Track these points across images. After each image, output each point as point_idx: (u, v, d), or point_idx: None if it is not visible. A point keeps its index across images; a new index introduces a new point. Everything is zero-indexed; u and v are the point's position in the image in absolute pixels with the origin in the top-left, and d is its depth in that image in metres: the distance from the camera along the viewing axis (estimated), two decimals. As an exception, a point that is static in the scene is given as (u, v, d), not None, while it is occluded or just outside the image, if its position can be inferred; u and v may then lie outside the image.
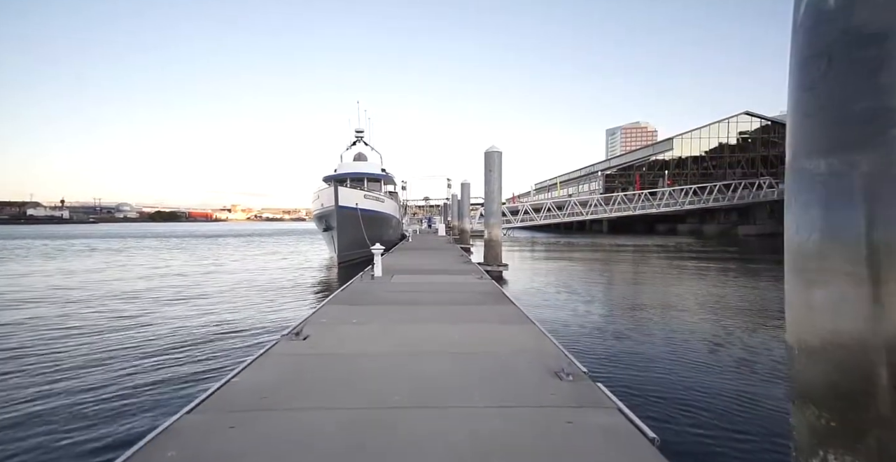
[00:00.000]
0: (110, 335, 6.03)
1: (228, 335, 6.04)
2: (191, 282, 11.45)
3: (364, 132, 21.03)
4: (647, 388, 4.09)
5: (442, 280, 7.45)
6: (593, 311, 7.73)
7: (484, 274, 8.24)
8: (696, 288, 10.13)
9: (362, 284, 6.81)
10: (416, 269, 9.10)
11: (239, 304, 8.34)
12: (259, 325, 6.60)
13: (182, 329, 6.39)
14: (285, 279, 11.97)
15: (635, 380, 4.33)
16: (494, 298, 5.72)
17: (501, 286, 8.11)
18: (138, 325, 6.65)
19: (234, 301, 8.72)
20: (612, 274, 13.40)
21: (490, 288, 6.62)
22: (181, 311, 7.78)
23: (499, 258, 11.31)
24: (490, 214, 11.51)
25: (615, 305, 8.46)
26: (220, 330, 6.33)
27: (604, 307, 8.27)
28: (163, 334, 6.07)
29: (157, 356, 5.04)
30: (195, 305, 8.26)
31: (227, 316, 7.31)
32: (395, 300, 5.50)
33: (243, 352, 5.11)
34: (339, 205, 13.25)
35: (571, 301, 8.47)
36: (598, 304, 8.46)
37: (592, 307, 8.10)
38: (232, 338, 5.91)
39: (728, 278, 11.81)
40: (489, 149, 11.30)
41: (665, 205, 39.58)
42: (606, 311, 7.88)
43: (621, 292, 9.96)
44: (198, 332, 6.23)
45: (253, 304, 8.44)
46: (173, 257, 19.08)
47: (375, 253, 7.83)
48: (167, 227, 77.24)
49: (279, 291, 9.87)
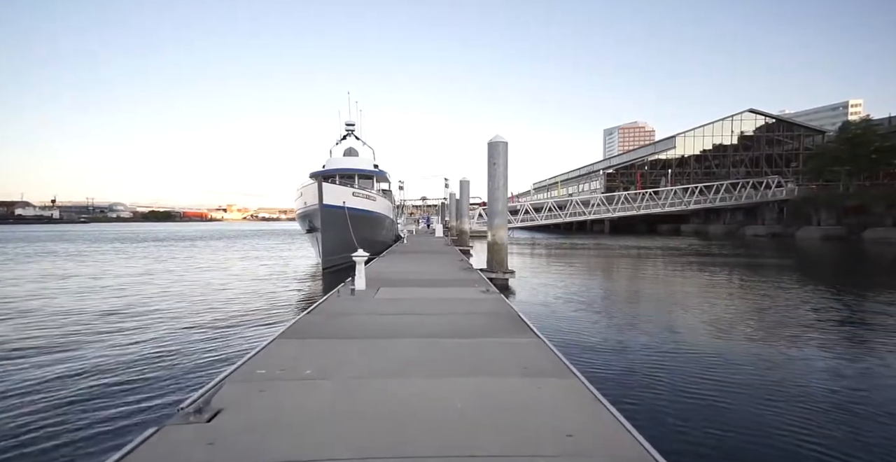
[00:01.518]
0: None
1: (94, 409, 3.62)
2: (119, 301, 8.74)
3: (355, 125, 19.48)
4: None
5: (439, 295, 6.01)
6: (639, 345, 5.48)
7: (490, 286, 6.80)
8: (751, 303, 8.27)
9: (337, 303, 5.36)
10: (408, 280, 7.65)
11: (161, 340, 5.77)
12: (159, 387, 4.13)
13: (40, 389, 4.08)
14: (251, 294, 9.46)
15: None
16: (509, 325, 4.28)
17: (509, 298, 6.68)
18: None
19: (158, 333, 6.13)
20: (638, 284, 11.58)
21: (500, 307, 5.18)
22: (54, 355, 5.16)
23: (504, 264, 9.88)
24: (494, 214, 10.05)
25: (666, 337, 5.91)
26: (86, 393, 3.95)
27: (652, 338, 5.93)
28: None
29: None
30: (81, 348, 5.44)
31: (122, 364, 4.76)
32: (375, 330, 4.05)
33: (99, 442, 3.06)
34: (323, 203, 11.78)
35: (606, 327, 6.53)
36: (642, 333, 6.20)
37: (635, 337, 5.95)
38: (99, 413, 3.55)
39: (774, 286, 10.20)
40: (493, 138, 9.86)
41: (670, 204, 38.28)
42: (658, 345, 5.53)
43: (659, 311, 7.88)
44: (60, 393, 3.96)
45: (181, 340, 5.75)
46: (130, 264, 16.34)
47: (357, 261, 6.38)
48: (157, 227, 75.38)
49: (233, 316, 7.30)
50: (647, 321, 7.03)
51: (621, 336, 6.07)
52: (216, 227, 78.62)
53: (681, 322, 7.01)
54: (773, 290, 9.60)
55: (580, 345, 5.58)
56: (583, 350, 5.36)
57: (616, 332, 6.36)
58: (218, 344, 5.65)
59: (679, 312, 7.78)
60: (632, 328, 6.61)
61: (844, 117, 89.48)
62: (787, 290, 9.61)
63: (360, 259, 6.39)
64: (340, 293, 5.92)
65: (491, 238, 9.98)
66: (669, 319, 7.21)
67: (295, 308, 8.06)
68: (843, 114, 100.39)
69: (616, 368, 4.74)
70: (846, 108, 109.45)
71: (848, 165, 33.17)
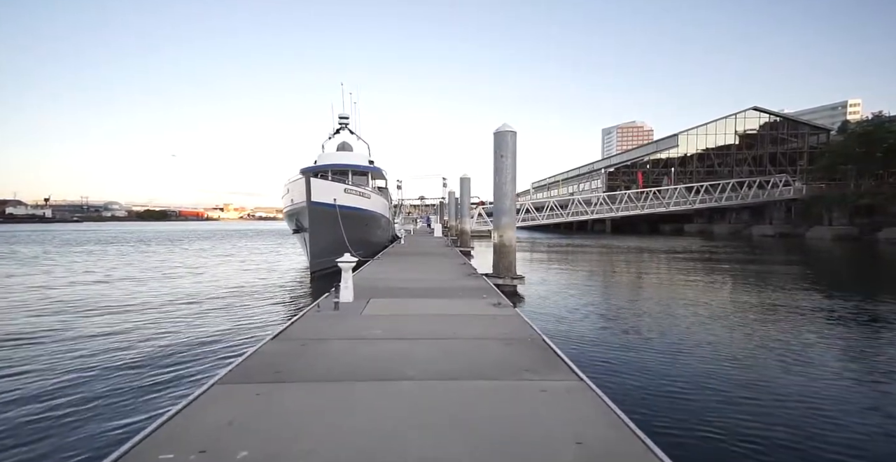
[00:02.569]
0: None
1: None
2: (29, 321, 6.72)
3: (349, 119, 18.34)
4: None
5: (441, 310, 4.95)
6: (711, 391, 4.05)
7: (501, 298, 5.75)
8: (818, 323, 6.72)
9: (314, 322, 4.29)
10: (404, 288, 6.58)
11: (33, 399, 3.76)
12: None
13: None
14: (215, 311, 7.53)
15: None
16: (537, 358, 3.23)
17: (522, 310, 5.53)
18: None
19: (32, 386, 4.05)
20: (664, 293, 9.81)
21: (519, 328, 4.12)
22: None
23: (512, 268, 8.81)
24: (501, 212, 8.96)
25: (723, 366, 4.70)
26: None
27: (706, 363, 4.77)
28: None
29: None
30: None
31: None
32: (358, 367, 2.98)
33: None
34: (311, 200, 10.69)
35: (653, 358, 4.98)
36: (692, 356, 5.05)
37: (697, 375, 4.46)
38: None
39: (820, 298, 9.02)
40: (500, 127, 8.79)
41: (675, 204, 37.31)
42: (719, 376, 4.37)
43: (699, 326, 6.41)
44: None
45: (63, 401, 3.71)
46: (91, 269, 14.12)
47: (344, 268, 5.31)
48: (149, 227, 73.92)
49: (175, 347, 5.36)
50: (685, 334, 5.92)
51: (675, 371, 4.58)
52: (210, 227, 77.20)
53: (739, 349, 5.72)
54: (822, 302, 8.52)
55: (630, 389, 4.06)
56: (642, 398, 3.84)
57: (666, 363, 4.84)
58: (122, 402, 3.69)
59: (715, 320, 6.68)
60: (674, 346, 5.40)
61: (843, 117, 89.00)
62: (836, 300, 8.57)
63: (347, 265, 5.32)
64: (321, 308, 4.84)
65: (497, 239, 8.91)
66: (704, 331, 6.11)
67: (262, 329, 6.21)
68: (843, 113, 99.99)
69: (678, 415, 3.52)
70: (845, 107, 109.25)
71: (859, 163, 32.21)
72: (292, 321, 4.22)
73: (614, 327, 6.52)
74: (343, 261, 5.30)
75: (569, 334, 5.94)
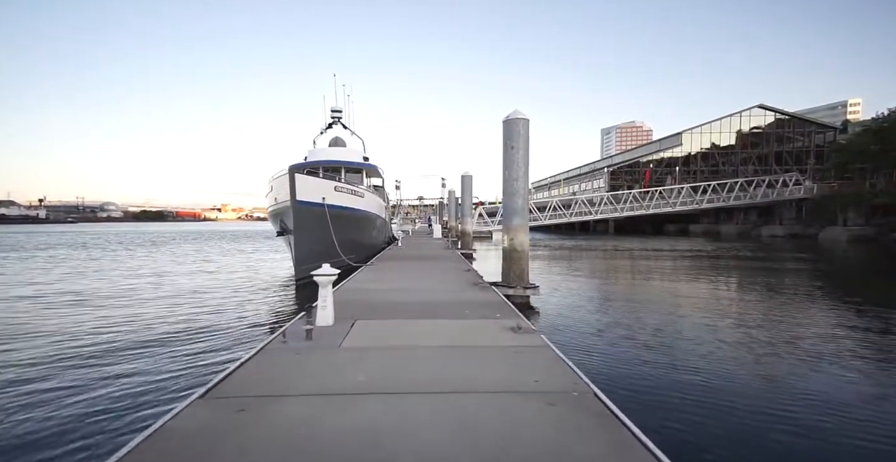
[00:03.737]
0: None
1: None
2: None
3: (342, 113, 17.17)
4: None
5: (447, 339, 3.80)
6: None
7: (521, 319, 4.60)
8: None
9: (271, 364, 3.12)
10: (399, 303, 5.42)
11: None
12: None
13: None
14: (153, 343, 5.57)
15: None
16: (598, 435, 2.08)
17: (535, 322, 4.31)
18: None
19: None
20: (699, 304, 8.32)
21: (559, 375, 2.97)
22: None
23: (525, 276, 7.64)
24: (513, 212, 7.77)
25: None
26: None
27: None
28: None
29: None
30: None
31: None
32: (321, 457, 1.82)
33: None
34: (296, 199, 9.52)
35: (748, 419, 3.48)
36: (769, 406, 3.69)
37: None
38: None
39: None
40: (511, 115, 7.64)
41: (681, 203, 36.20)
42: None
43: (772, 358, 5.03)
44: None
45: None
46: (37, 280, 11.71)
47: (322, 282, 4.16)
48: (142, 228, 72.48)
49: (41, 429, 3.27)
50: (772, 383, 4.67)
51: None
52: (206, 228, 75.76)
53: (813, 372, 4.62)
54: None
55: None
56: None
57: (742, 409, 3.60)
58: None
59: (778, 346, 5.52)
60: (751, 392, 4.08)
61: (843, 116, 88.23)
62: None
63: (326, 279, 4.18)
64: (287, 338, 3.68)
65: (508, 243, 7.74)
66: (766, 361, 4.95)
67: (201, 377, 4.25)
68: (842, 113, 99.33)
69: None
70: (845, 106, 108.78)
71: (875, 161, 31.05)
72: (239, 364, 3.03)
73: (661, 361, 4.91)
74: (321, 274, 4.15)
75: (614, 376, 4.36)
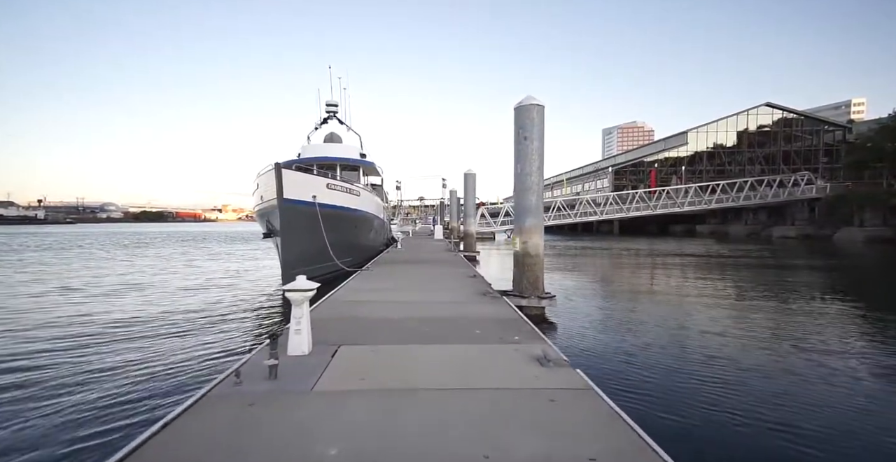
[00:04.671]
0: None
1: None
2: None
3: (338, 107, 16.25)
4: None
5: (456, 377, 2.88)
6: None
7: (546, 344, 3.67)
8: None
9: (217, 417, 2.19)
10: (394, 321, 4.50)
11: None
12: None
13: None
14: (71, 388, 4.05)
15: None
16: None
17: (550, 336, 3.31)
18: None
19: None
20: (742, 316, 7.21)
21: (610, 432, 2.04)
22: None
23: (539, 285, 6.71)
24: (526, 211, 6.83)
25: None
26: None
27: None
28: None
29: None
30: None
31: None
32: None
33: None
34: (283, 197, 8.60)
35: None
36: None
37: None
38: None
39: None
40: (523, 101, 6.72)
41: (689, 203, 35.22)
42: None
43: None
44: None
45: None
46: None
47: (295, 301, 3.25)
48: (139, 229, 71.63)
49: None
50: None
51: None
52: (204, 229, 74.83)
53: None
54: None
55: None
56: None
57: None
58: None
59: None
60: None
61: (847, 116, 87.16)
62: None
63: (301, 296, 3.27)
64: (243, 377, 2.74)
65: (520, 246, 6.81)
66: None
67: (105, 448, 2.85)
68: (846, 112, 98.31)
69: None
70: (849, 106, 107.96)
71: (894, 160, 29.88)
72: (153, 432, 2.09)
73: (740, 412, 3.54)
74: (295, 289, 3.23)
75: (685, 436, 3.13)
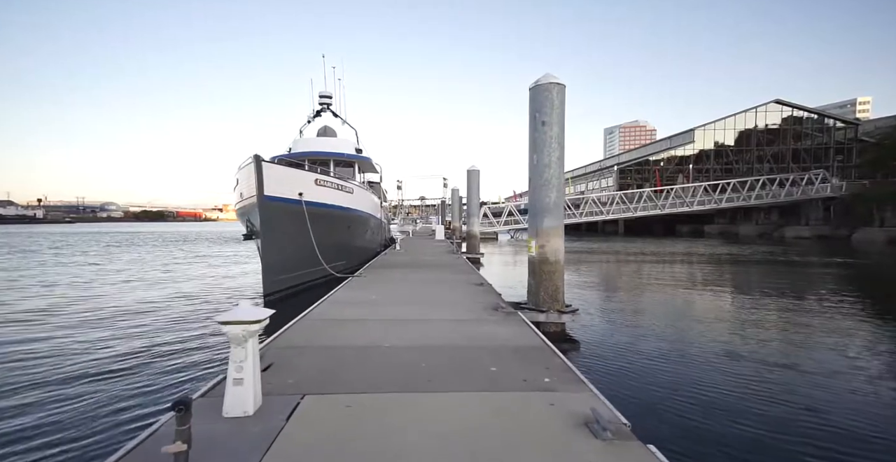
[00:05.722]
0: None
1: None
2: None
3: (332, 99, 15.22)
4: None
5: (466, 454, 1.82)
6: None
7: (594, 394, 2.62)
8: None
9: None
10: (383, 355, 3.45)
11: None
12: None
13: None
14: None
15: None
16: None
17: (572, 357, 2.42)
18: None
19: None
20: (797, 329, 6.15)
21: None
22: None
23: (559, 296, 5.65)
24: (543, 210, 5.76)
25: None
26: None
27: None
28: None
29: None
30: None
31: None
32: None
33: None
34: (264, 194, 7.56)
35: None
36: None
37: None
38: None
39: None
40: (541, 80, 5.67)
41: (698, 202, 34.13)
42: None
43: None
44: None
45: None
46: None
47: (233, 338, 2.21)
48: (136, 228, 70.68)
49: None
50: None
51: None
52: (202, 228, 73.83)
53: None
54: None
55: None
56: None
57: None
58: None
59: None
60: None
61: (852, 115, 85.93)
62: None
63: (243, 332, 2.24)
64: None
65: (537, 252, 5.75)
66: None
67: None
68: (852, 111, 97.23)
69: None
70: (854, 105, 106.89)
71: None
72: None
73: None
74: (233, 321, 2.21)
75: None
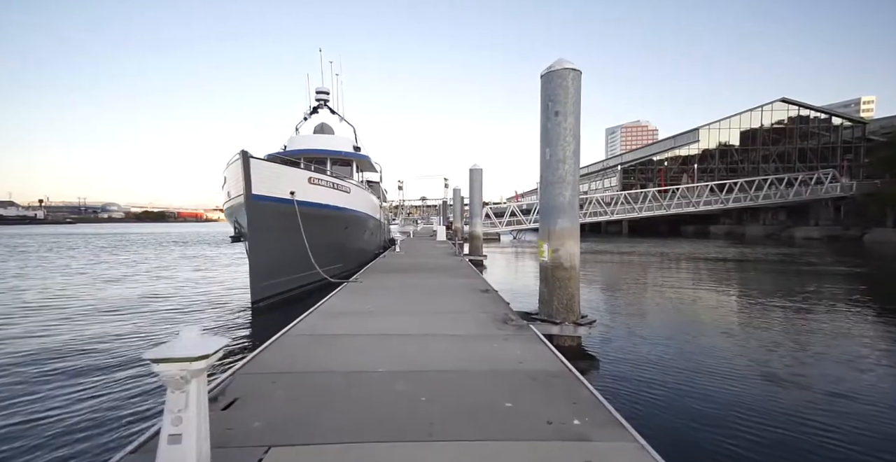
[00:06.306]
0: None
1: None
2: None
3: (329, 95, 14.65)
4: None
5: None
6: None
7: (642, 447, 2.03)
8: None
9: None
10: (372, 388, 2.86)
11: None
12: None
13: None
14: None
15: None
16: None
17: (589, 377, 1.95)
18: None
19: None
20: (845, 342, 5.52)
21: None
22: None
23: (575, 306, 5.07)
24: (557, 210, 5.19)
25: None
26: None
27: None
28: None
29: None
30: None
31: None
32: None
33: None
34: (251, 193, 7.00)
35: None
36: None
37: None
38: None
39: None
40: (554, 66, 5.10)
41: (705, 202, 33.50)
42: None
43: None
44: None
45: None
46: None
47: (168, 382, 1.63)
48: (135, 229, 70.27)
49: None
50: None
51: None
52: (202, 229, 73.32)
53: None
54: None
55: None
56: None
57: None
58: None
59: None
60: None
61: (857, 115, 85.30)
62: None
63: (182, 373, 1.64)
64: None
65: (550, 257, 5.17)
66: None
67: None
68: (856, 111, 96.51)
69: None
70: (858, 104, 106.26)
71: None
72: None
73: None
74: (170, 358, 1.63)
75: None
